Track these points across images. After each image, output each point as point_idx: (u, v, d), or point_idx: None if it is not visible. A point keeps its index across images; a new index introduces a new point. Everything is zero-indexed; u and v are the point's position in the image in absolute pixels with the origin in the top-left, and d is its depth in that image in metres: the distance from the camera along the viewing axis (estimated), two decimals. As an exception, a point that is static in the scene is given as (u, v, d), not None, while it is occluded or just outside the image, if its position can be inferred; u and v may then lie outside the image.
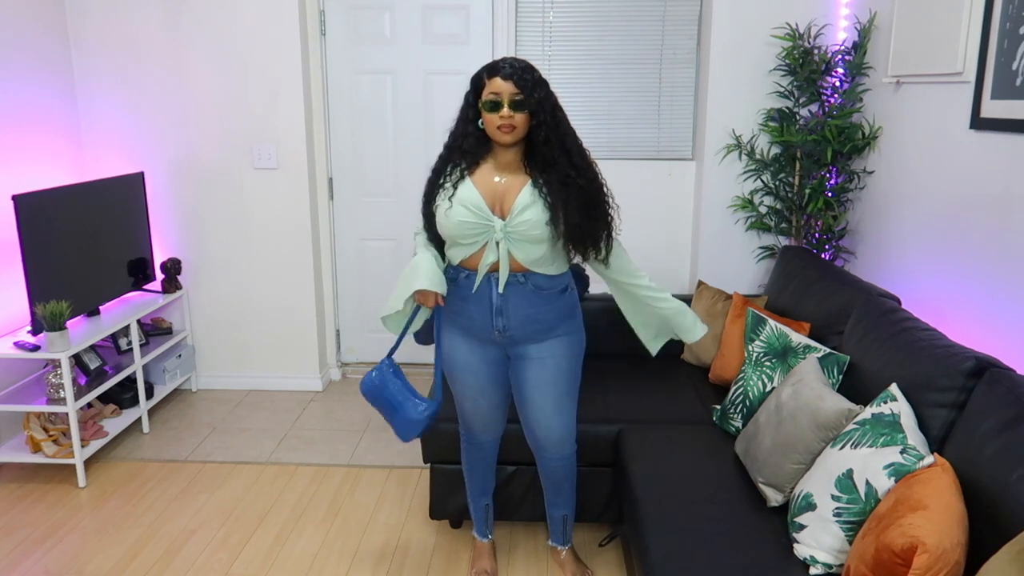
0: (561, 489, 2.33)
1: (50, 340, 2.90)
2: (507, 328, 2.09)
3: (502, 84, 1.93)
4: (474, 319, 2.11)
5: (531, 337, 2.11)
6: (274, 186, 3.77)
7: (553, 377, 2.15)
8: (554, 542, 2.45)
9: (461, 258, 2.07)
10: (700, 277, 3.63)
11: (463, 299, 2.11)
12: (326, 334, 4.09)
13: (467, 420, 2.32)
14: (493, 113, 1.94)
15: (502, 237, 2.00)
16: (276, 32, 3.60)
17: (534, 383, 2.16)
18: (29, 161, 3.34)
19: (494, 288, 2.06)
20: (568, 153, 1.99)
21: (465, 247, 2.04)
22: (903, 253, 2.79)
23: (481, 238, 2.02)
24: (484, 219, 2.00)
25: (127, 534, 2.71)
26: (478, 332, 2.13)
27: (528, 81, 1.93)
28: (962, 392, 1.81)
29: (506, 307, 2.07)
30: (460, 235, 2.02)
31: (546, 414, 2.18)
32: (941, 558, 1.41)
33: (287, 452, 3.32)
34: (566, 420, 2.21)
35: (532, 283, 2.06)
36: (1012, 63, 2.09)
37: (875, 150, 3.05)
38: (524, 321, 2.08)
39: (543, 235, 1.98)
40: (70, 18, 3.61)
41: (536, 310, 2.07)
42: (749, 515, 1.99)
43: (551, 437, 2.22)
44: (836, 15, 3.32)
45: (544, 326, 2.10)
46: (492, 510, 2.48)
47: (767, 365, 2.44)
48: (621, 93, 3.77)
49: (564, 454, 2.26)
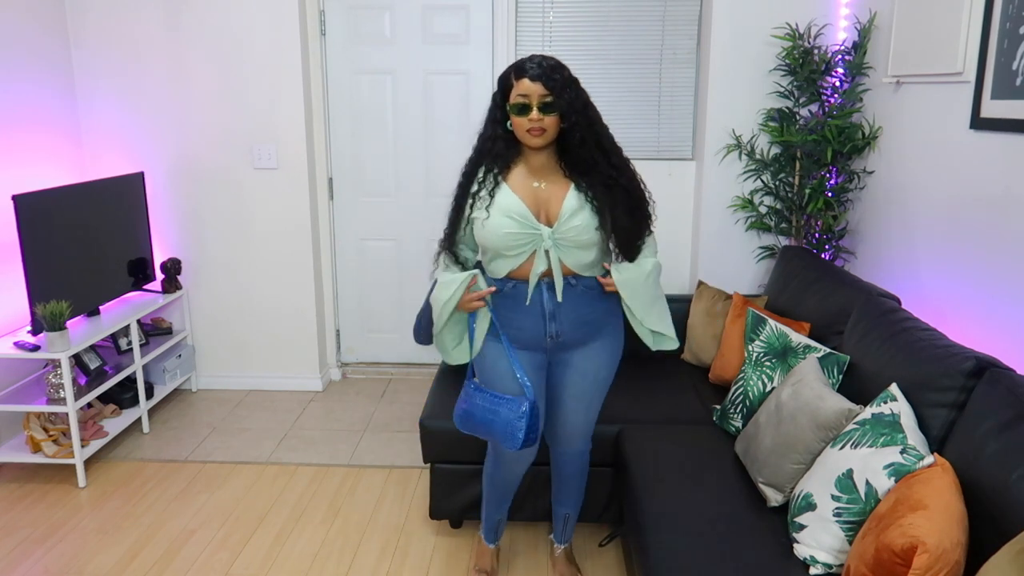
0: (569, 486, 2.32)
1: (50, 340, 2.90)
2: (560, 333, 2.05)
3: (530, 86, 1.85)
4: (525, 328, 2.04)
5: (580, 340, 2.08)
6: (274, 186, 3.77)
7: (592, 387, 2.15)
8: (553, 537, 2.45)
9: (509, 270, 1.99)
10: (700, 277, 3.63)
11: (512, 309, 2.03)
12: (326, 334, 4.09)
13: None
14: (522, 116, 1.87)
15: (551, 245, 1.96)
16: (276, 32, 3.60)
17: (572, 392, 2.15)
18: (29, 161, 3.34)
19: (545, 295, 2.01)
20: (606, 153, 1.94)
21: (511, 258, 1.97)
22: (903, 253, 2.79)
23: (529, 247, 1.95)
24: (531, 228, 1.94)
25: (127, 534, 2.71)
26: (528, 341, 2.07)
27: (557, 81, 1.86)
28: (962, 392, 1.81)
29: (559, 312, 2.02)
30: (505, 247, 1.94)
31: (577, 415, 2.19)
32: (941, 558, 1.41)
33: (287, 452, 3.32)
34: (589, 421, 2.22)
35: (583, 284, 2.03)
36: (1012, 63, 2.09)
37: (875, 150, 3.05)
38: (576, 324, 2.05)
39: (592, 240, 1.95)
40: (70, 18, 3.61)
41: (587, 310, 2.05)
42: (749, 515, 1.99)
43: (573, 433, 2.22)
44: (836, 15, 3.32)
45: (594, 327, 2.08)
46: (505, 523, 2.45)
47: (767, 365, 2.44)
48: (621, 93, 3.76)
49: (578, 449, 2.26)
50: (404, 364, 4.22)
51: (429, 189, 3.95)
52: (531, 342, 2.07)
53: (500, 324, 2.06)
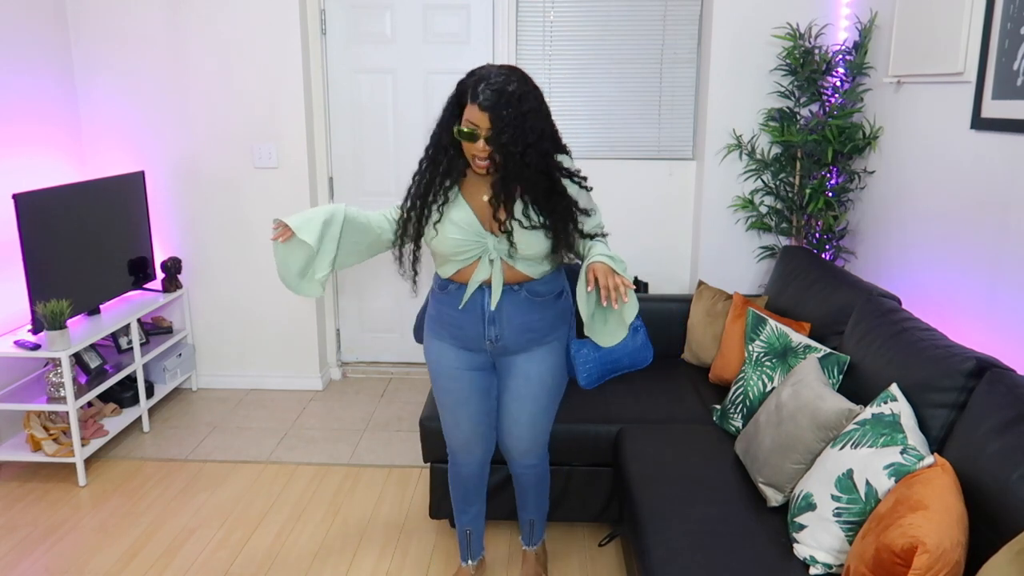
0: (527, 495, 2.32)
1: (50, 339, 2.90)
2: (500, 338, 2.05)
3: (479, 115, 1.80)
4: (465, 328, 2.06)
5: (523, 347, 2.07)
6: (274, 185, 3.77)
7: (535, 393, 2.12)
8: (521, 540, 2.45)
9: (451, 273, 2.02)
10: (700, 277, 3.63)
11: (453, 308, 2.05)
12: (326, 333, 4.09)
13: (448, 437, 2.25)
14: (469, 143, 1.85)
15: (496, 256, 1.97)
16: (277, 31, 3.60)
17: (514, 395, 2.13)
18: (30, 156, 3.35)
19: (487, 298, 2.01)
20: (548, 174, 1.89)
21: (456, 263, 2.00)
22: (904, 253, 2.79)
23: (473, 254, 1.98)
24: (476, 236, 1.95)
25: (127, 533, 2.71)
26: (468, 342, 2.08)
27: (505, 118, 1.78)
28: (962, 392, 1.81)
29: (500, 316, 2.02)
30: (448, 251, 1.97)
31: (519, 425, 2.16)
32: (941, 558, 1.41)
33: (287, 451, 3.32)
34: (537, 434, 2.18)
35: (526, 290, 2.02)
36: (1013, 63, 2.09)
37: (876, 150, 3.04)
38: (518, 330, 2.04)
39: (540, 251, 1.95)
40: (70, 12, 3.61)
41: (531, 317, 2.04)
42: (749, 515, 1.99)
43: (518, 447, 2.20)
44: (837, 15, 3.32)
45: (538, 334, 2.06)
46: (475, 536, 2.40)
47: (767, 365, 2.44)
48: (621, 93, 3.77)
49: (528, 463, 2.24)
50: (404, 364, 4.22)
51: (429, 188, 3.94)
52: (471, 342, 2.08)
53: (441, 322, 2.09)
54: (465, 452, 2.24)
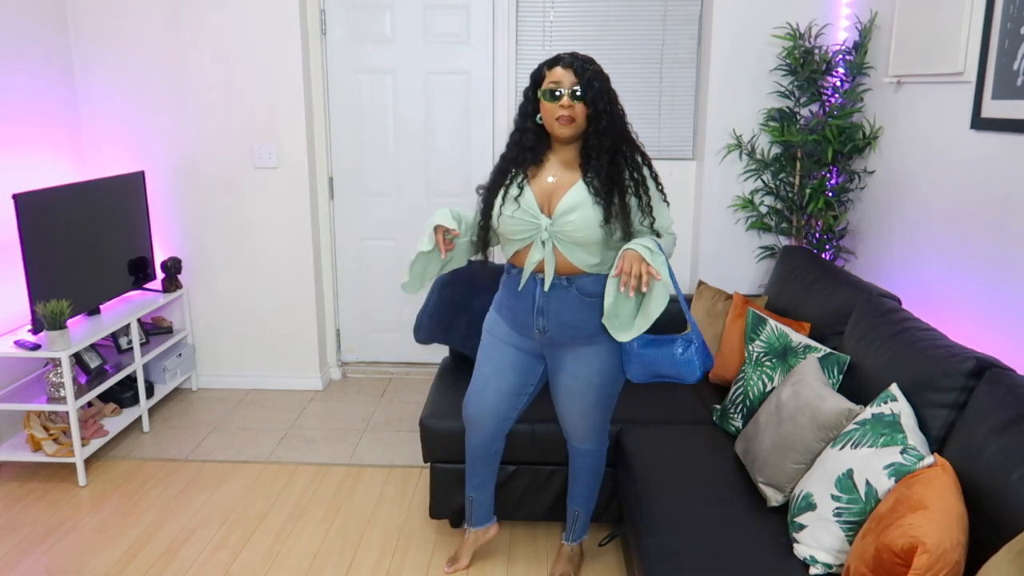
0: (577, 483, 2.34)
1: (50, 339, 2.90)
2: (547, 329, 2.09)
3: (562, 73, 1.93)
4: (517, 314, 2.13)
5: (569, 342, 2.10)
6: (274, 185, 3.77)
7: (583, 390, 2.16)
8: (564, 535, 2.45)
9: (510, 254, 2.10)
10: (700, 277, 3.63)
11: (512, 292, 2.12)
12: (326, 333, 4.09)
13: (467, 404, 2.28)
14: (552, 103, 1.93)
15: (547, 237, 2.00)
16: (277, 31, 3.60)
17: (563, 392, 2.19)
18: (30, 156, 3.35)
19: (539, 287, 2.05)
20: (624, 148, 1.99)
21: (514, 243, 2.06)
22: (903, 253, 2.79)
23: (528, 236, 2.01)
24: (531, 216, 1.99)
25: (127, 533, 2.71)
26: (520, 327, 2.15)
27: (588, 72, 1.93)
28: (962, 392, 1.81)
29: (548, 308, 2.06)
30: (508, 231, 2.03)
31: (571, 415, 2.23)
32: (941, 558, 1.41)
33: (287, 451, 3.32)
34: (590, 423, 2.23)
35: (576, 288, 2.03)
36: (1013, 63, 2.09)
37: (876, 150, 3.04)
38: (562, 326, 2.07)
39: (589, 237, 1.96)
40: (70, 12, 3.61)
41: (576, 316, 2.05)
42: (749, 515, 1.99)
43: (575, 433, 2.27)
44: (837, 15, 3.32)
45: (582, 333, 2.07)
46: (478, 505, 2.41)
47: (767, 365, 2.44)
48: (621, 93, 3.69)
49: (586, 448, 2.28)
50: (404, 364, 4.22)
51: (429, 188, 3.95)
52: (523, 328, 2.14)
53: (502, 302, 2.18)
54: (477, 427, 2.28)
